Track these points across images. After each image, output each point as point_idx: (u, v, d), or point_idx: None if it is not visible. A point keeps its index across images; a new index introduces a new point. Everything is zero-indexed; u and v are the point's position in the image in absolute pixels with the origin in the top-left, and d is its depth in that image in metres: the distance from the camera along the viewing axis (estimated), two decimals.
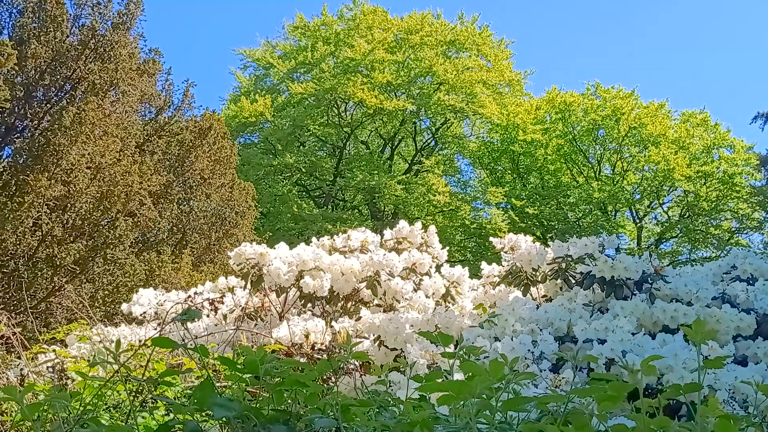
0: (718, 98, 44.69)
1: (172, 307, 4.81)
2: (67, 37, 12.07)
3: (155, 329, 4.90)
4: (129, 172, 10.92)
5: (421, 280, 5.93)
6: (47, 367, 3.44)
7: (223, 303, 3.79)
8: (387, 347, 4.74)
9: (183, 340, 2.26)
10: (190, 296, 4.12)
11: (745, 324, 4.76)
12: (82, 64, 11.80)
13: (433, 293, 5.82)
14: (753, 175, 23.88)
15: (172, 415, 1.84)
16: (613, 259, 5.14)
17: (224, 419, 1.84)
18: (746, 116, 39.07)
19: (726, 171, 23.74)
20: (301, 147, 25.41)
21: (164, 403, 2.35)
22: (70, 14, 12.30)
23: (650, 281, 5.15)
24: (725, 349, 4.36)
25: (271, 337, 4.59)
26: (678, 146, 23.92)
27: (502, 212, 24.54)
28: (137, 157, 11.71)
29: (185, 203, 13.16)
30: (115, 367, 1.85)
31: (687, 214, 24.58)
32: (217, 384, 3.07)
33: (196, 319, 2.21)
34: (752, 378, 3.99)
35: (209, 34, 42.80)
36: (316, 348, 4.60)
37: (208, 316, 4.18)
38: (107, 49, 11.87)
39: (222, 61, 50.91)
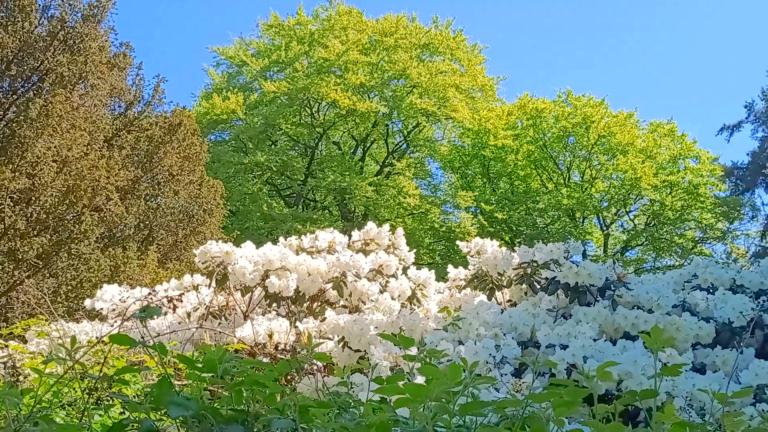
0: (686, 110, 45.41)
1: (132, 304, 4.77)
2: (36, 27, 11.87)
3: (118, 326, 4.84)
4: (96, 167, 10.78)
5: (387, 281, 5.92)
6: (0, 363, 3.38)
7: (182, 301, 3.75)
8: (351, 348, 4.74)
9: (143, 337, 2.24)
10: (150, 293, 4.08)
11: (704, 332, 4.84)
12: (51, 55, 11.62)
13: (399, 295, 5.83)
14: (717, 185, 24.28)
15: (128, 414, 1.82)
16: (578, 266, 5.19)
17: (181, 418, 1.83)
18: (712, 128, 39.71)
19: (691, 181, 24.12)
20: (272, 146, 25.31)
21: (120, 401, 2.32)
22: (39, 4, 12.10)
23: (613, 288, 5.21)
24: (684, 356, 4.42)
25: (235, 336, 4.57)
26: (645, 156, 24.24)
27: (472, 216, 24.65)
28: (105, 152, 11.57)
29: (153, 199, 13.04)
30: (70, 363, 1.83)
31: (653, 222, 24.92)
32: (179, 383, 3.04)
33: (155, 317, 2.19)
34: (709, 386, 4.06)
35: (183, 30, 42.46)
36: (279, 348, 4.58)
37: (166, 314, 4.14)
38: (77, 41, 11.70)
39: (195, 58, 50.60)
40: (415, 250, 6.73)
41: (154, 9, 39.65)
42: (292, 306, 5.69)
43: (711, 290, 5.55)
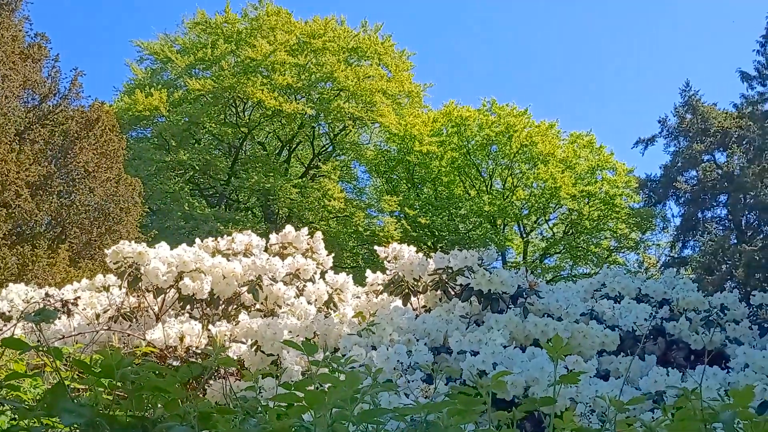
0: (604, 122, 46.84)
1: (27, 306, 4.61)
2: None
3: (11, 328, 4.67)
4: (5, 161, 10.37)
5: (304, 285, 5.91)
6: None
7: (77, 305, 3.64)
8: (264, 353, 4.70)
9: (39, 340, 2.17)
10: (48, 295, 3.94)
11: (609, 340, 5.00)
12: None
13: (316, 300, 5.82)
14: (632, 197, 25.08)
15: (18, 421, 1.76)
16: (491, 273, 5.28)
17: (75, 425, 1.78)
18: (629, 141, 41.11)
19: (608, 192, 24.88)
20: (196, 144, 24.90)
21: (11, 406, 2.25)
22: None
23: (525, 296, 5.33)
24: (590, 363, 4.56)
25: (144, 339, 4.47)
26: (565, 165, 24.88)
27: (396, 221, 24.80)
28: (15, 146, 11.14)
29: (66, 196, 12.61)
30: None
31: (570, 231, 25.58)
32: (81, 388, 2.96)
33: (54, 319, 2.13)
34: (611, 392, 4.20)
35: (105, 23, 41.31)
36: (190, 351, 4.51)
37: (60, 318, 4.01)
38: None
39: (117, 52, 49.25)
40: (338, 254, 6.73)
41: (75, 1, 38.47)
42: (207, 309, 5.61)
43: (618, 299, 5.75)
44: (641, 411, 3.90)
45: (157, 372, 1.91)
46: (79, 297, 4.51)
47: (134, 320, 5.37)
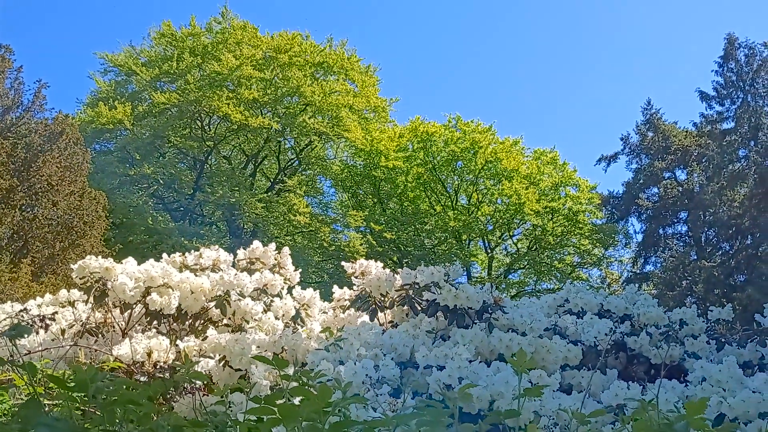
0: (568, 139, 47.53)
1: (2, 321, 4.58)
2: None
3: None
4: None
5: (272, 301, 5.92)
6: None
7: (54, 320, 3.64)
8: (232, 368, 4.71)
9: (12, 355, 2.19)
10: (24, 310, 3.92)
11: (572, 354, 5.11)
12: None
13: (284, 315, 5.84)
14: (595, 213, 25.47)
15: None
16: (457, 289, 5.36)
17: None
18: (592, 158, 41.74)
19: (571, 208, 25.23)
20: (160, 158, 24.71)
21: None
22: None
23: (490, 311, 5.41)
24: (553, 377, 4.64)
25: (111, 354, 4.46)
26: (529, 182, 25.20)
27: (361, 236, 24.87)
28: None
29: (29, 210, 12.44)
30: None
31: (534, 247, 25.86)
32: (50, 403, 2.96)
33: (26, 335, 2.15)
34: (574, 405, 4.29)
35: (69, 35, 40.88)
36: (158, 367, 4.50)
37: (37, 332, 4.00)
38: None
39: (81, 64, 48.71)
40: (304, 269, 6.76)
41: (39, 12, 38.02)
42: (174, 324, 5.60)
43: (581, 315, 5.86)
44: (603, 424, 4.00)
45: (128, 387, 1.95)
46: (56, 312, 4.50)
47: (100, 336, 5.34)
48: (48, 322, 3.33)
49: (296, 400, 2.11)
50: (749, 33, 28.56)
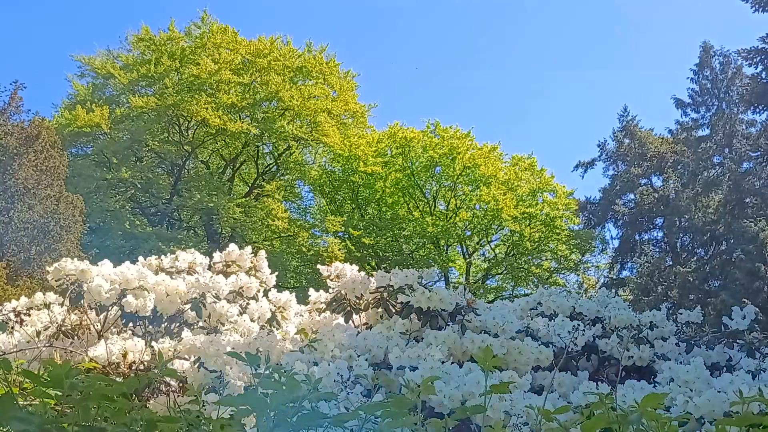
0: (545, 145, 47.90)
1: None
2: None
3: None
4: None
5: (248, 303, 5.97)
6: None
7: (29, 316, 3.66)
8: (207, 369, 4.75)
9: None
10: None
11: (543, 356, 5.20)
12: None
13: (259, 317, 5.88)
14: (572, 219, 25.68)
15: None
16: (430, 291, 5.44)
17: None
18: (569, 164, 42.16)
19: (548, 214, 25.41)
20: (138, 162, 24.59)
21: None
22: None
23: (463, 313, 5.49)
24: (524, 378, 4.73)
25: (87, 355, 4.48)
26: (507, 188, 25.35)
27: (340, 241, 24.89)
28: None
29: (5, 213, 12.36)
30: None
31: (512, 252, 26.01)
32: (24, 402, 2.98)
33: (3, 331, 2.18)
34: (543, 405, 4.37)
35: (45, 37, 40.58)
36: (133, 368, 4.53)
37: (13, 328, 4.01)
38: None
39: (58, 67, 48.34)
40: (281, 273, 6.81)
41: (15, 14, 37.73)
42: (150, 326, 5.63)
43: (553, 317, 5.96)
44: (572, 423, 4.08)
45: (102, 383, 1.98)
46: (31, 308, 4.51)
47: (76, 337, 5.35)
48: (23, 318, 3.36)
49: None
50: (725, 41, 29.02)
